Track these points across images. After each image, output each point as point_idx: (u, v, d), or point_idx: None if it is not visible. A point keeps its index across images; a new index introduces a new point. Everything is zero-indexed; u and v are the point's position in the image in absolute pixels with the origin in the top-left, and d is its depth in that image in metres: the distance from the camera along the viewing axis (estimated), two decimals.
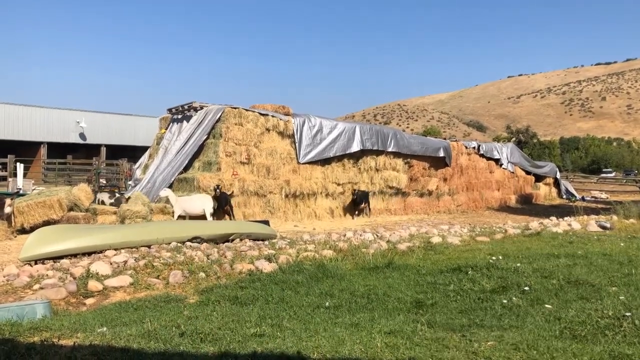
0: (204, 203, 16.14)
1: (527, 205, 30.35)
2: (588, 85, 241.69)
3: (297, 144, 21.18)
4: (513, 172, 32.39)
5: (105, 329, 5.02)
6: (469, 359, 4.03)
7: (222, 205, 16.75)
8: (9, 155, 26.82)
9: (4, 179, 25.96)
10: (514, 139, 77.89)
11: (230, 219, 16.80)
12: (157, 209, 15.95)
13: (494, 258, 8.47)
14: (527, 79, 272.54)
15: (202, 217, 16.02)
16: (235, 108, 20.04)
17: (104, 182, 26.88)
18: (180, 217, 15.96)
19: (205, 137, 19.43)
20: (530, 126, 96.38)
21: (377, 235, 12.60)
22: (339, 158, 22.57)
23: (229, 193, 17.48)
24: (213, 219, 16.07)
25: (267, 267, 8.50)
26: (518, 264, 7.89)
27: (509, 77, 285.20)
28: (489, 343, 4.44)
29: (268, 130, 20.71)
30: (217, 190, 16.81)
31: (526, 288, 6.49)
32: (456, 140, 30.33)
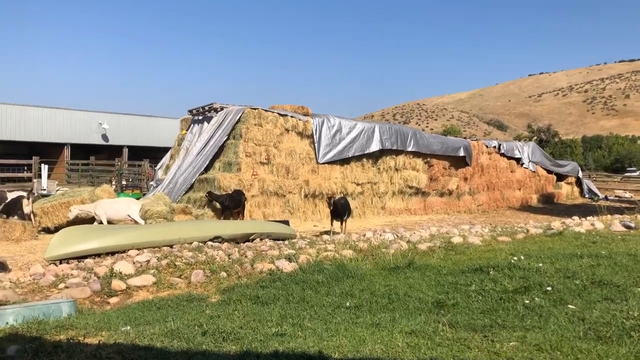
0: (129, 207, 14.21)
1: (548, 205, 30.01)
2: (611, 83, 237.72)
3: (316, 144, 21.23)
4: (534, 172, 32.04)
5: (129, 327, 5.10)
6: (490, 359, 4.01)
7: (235, 206, 16.75)
8: (33, 157, 27.30)
9: (29, 179, 26.41)
10: (535, 137, 76.97)
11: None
12: (179, 209, 16.10)
13: (515, 258, 8.38)
14: (548, 77, 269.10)
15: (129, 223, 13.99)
16: (254, 109, 20.16)
17: (125, 182, 27.19)
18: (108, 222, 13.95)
19: (225, 137, 19.57)
20: (552, 125, 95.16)
21: (397, 235, 12.55)
22: (358, 158, 22.55)
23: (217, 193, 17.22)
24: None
25: (287, 266, 8.53)
26: (540, 264, 7.80)
27: (529, 75, 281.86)
28: (511, 343, 4.41)
29: (287, 130, 20.79)
30: (207, 195, 17.05)
31: (549, 288, 6.41)
32: (477, 140, 30.14)
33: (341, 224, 15.37)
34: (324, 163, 21.28)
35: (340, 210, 15.02)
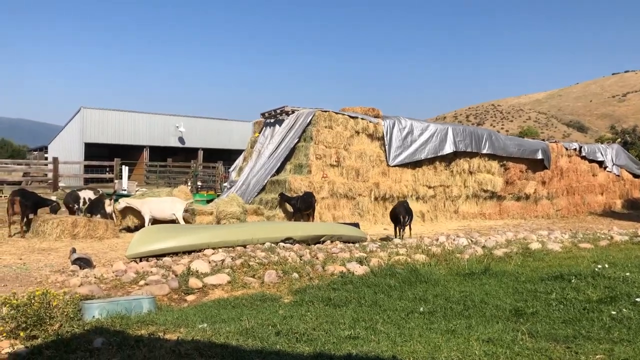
0: (174, 207, 14.71)
1: (634, 211, 28.32)
2: None
3: (386, 146, 21.04)
4: (619, 175, 30.34)
5: (205, 325, 5.23)
6: None
7: (306, 208, 16.84)
8: (115, 159, 28.70)
9: (111, 180, 27.75)
10: (619, 139, 72.91)
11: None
12: (251, 210, 16.42)
13: (599, 266, 7.97)
14: (634, 76, 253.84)
15: (172, 222, 14.37)
16: (325, 111, 20.24)
17: (200, 183, 28.04)
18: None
19: (296, 140, 19.77)
20: (638, 126, 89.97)
21: (471, 240, 12.23)
22: (431, 160, 22.17)
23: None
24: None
25: (358, 269, 8.49)
26: (627, 273, 7.38)
27: (613, 74, 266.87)
28: (597, 356, 4.18)
29: (357, 132, 20.74)
30: (279, 196, 17.23)
31: (638, 299, 6.03)
32: (555, 142, 28.88)
33: (401, 229, 14.44)
34: (394, 165, 21.07)
35: (401, 215, 14.20)
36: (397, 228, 14.53)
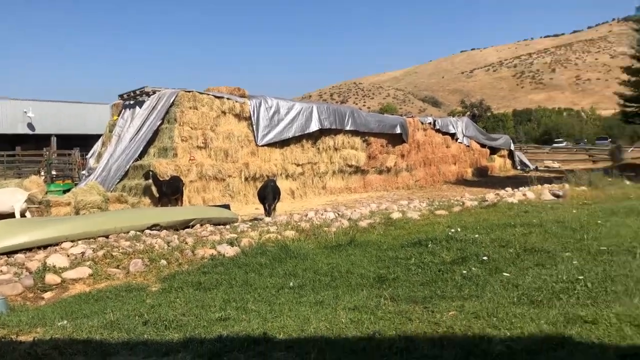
0: (14, 198, 13.35)
1: (483, 178, 31.04)
2: (538, 58, 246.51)
3: (254, 126, 21.03)
4: (469, 146, 33.02)
5: (66, 322, 4.94)
6: (431, 330, 4.11)
7: (173, 192, 16.36)
8: None
9: None
10: (468, 113, 79.12)
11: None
12: (113, 198, 15.63)
13: (452, 230, 8.59)
14: (479, 53, 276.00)
15: (12, 215, 13.00)
16: (189, 92, 19.71)
17: (55, 173, 26.06)
18: None
19: (159, 122, 19.06)
20: (484, 100, 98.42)
21: (338, 214, 12.66)
22: (298, 139, 22.54)
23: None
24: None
25: (229, 251, 8.45)
26: (476, 235, 8.04)
27: (461, 51, 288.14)
28: (450, 313, 4.53)
29: (224, 113, 20.47)
30: (151, 174, 16.35)
31: (485, 258, 6.63)
32: (412, 117, 30.73)
33: (267, 208, 14.25)
34: (263, 145, 21.13)
35: (266, 193, 14.15)
36: (266, 207, 14.48)
